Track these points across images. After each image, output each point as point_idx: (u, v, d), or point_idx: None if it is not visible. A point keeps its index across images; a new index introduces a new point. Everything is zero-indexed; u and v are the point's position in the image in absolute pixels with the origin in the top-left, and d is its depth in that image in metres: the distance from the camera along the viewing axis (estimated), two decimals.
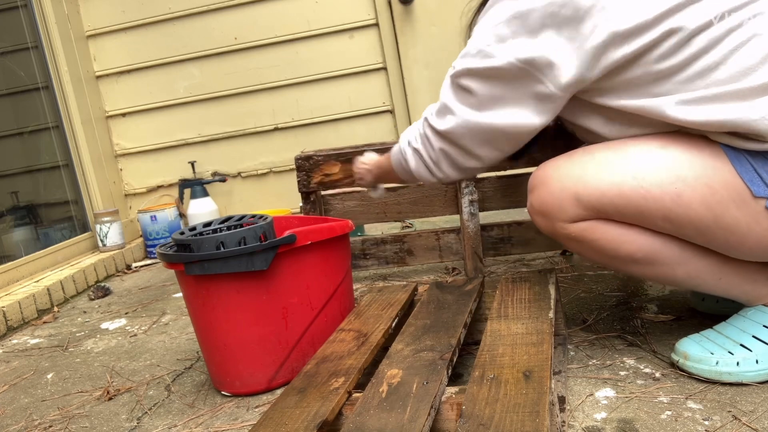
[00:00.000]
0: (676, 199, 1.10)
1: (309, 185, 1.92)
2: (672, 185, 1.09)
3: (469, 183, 1.82)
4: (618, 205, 1.14)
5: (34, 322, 2.22)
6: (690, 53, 1.05)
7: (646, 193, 1.11)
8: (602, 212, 1.16)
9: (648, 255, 1.18)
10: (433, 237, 2.00)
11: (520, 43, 1.10)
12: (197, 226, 1.48)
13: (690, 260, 1.18)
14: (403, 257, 2.04)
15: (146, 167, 3.17)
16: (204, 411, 1.37)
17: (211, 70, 3.02)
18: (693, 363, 1.19)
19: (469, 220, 1.80)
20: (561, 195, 1.18)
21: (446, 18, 2.83)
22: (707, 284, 1.21)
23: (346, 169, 1.85)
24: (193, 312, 1.42)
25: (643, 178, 1.11)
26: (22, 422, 1.45)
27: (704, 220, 1.10)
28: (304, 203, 1.99)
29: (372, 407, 0.96)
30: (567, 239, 1.23)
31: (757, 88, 1.02)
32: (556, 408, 1.01)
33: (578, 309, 1.60)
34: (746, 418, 1.05)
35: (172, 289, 2.36)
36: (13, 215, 2.86)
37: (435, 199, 1.97)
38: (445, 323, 1.25)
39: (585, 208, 1.16)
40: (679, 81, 1.07)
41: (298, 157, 1.91)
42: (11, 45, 2.93)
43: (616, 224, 1.17)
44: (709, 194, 1.08)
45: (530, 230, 1.91)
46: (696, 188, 1.08)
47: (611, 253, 1.20)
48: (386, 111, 2.93)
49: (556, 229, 1.22)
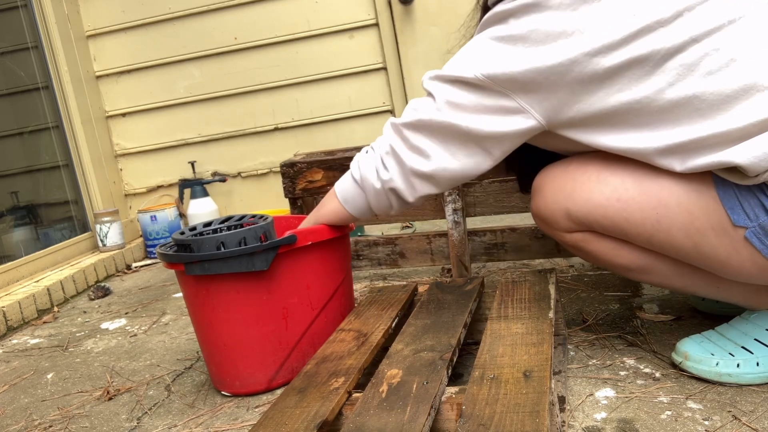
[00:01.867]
0: (655, 225, 1.10)
1: (294, 191, 1.93)
2: (653, 210, 1.09)
3: (453, 191, 1.80)
4: (604, 226, 1.16)
5: (34, 322, 2.22)
6: (665, 80, 1.01)
7: (629, 216, 1.12)
8: (591, 228, 1.18)
9: (642, 268, 1.20)
10: (425, 240, 2.02)
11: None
12: (197, 226, 1.48)
13: (685, 274, 1.19)
14: (396, 260, 2.06)
15: (146, 167, 3.17)
16: (204, 411, 1.37)
17: (211, 70, 3.02)
18: (693, 363, 1.19)
19: (453, 228, 1.80)
20: (554, 208, 1.20)
21: (446, 18, 2.83)
22: (707, 292, 1.22)
23: (329, 176, 1.87)
24: (193, 312, 1.42)
25: (626, 202, 1.11)
26: (22, 422, 1.45)
27: (684, 247, 1.10)
28: (291, 208, 2.01)
29: (372, 407, 0.96)
30: (566, 245, 1.26)
31: (742, 130, 0.98)
32: (556, 408, 1.01)
33: (578, 309, 1.60)
34: (746, 418, 1.05)
35: (172, 289, 2.36)
36: (13, 215, 2.85)
37: (426, 203, 1.98)
38: (445, 323, 1.25)
39: (575, 222, 1.19)
40: (657, 111, 1.03)
41: (283, 164, 1.93)
42: (11, 45, 2.93)
43: (610, 238, 1.19)
44: (689, 221, 1.07)
45: (525, 237, 1.90)
46: (677, 214, 1.07)
47: (607, 263, 1.23)
48: (386, 111, 2.93)
49: (555, 235, 1.25)
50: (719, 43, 0.99)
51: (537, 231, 1.88)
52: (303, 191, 1.92)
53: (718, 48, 0.99)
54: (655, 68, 1.01)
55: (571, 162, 1.20)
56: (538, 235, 1.87)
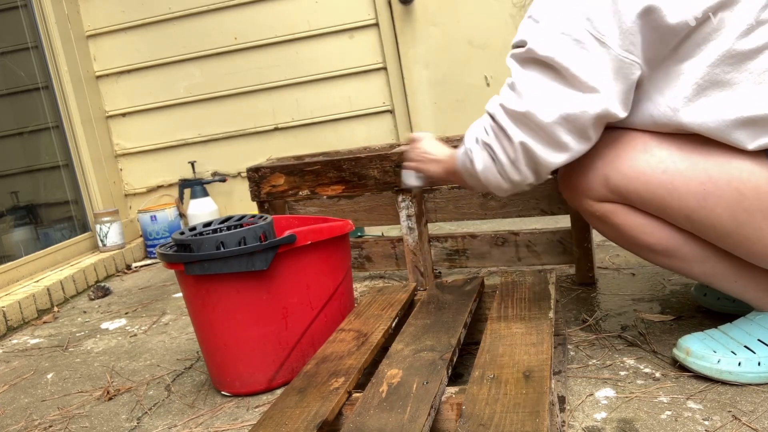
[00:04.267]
0: (701, 201, 1.07)
1: (260, 195, 1.95)
2: (701, 186, 1.07)
3: (405, 197, 1.78)
4: (643, 196, 1.12)
5: (34, 322, 2.22)
6: (760, 43, 1.00)
7: (673, 190, 1.09)
8: (627, 199, 1.15)
9: (667, 248, 1.17)
10: (389, 245, 2.03)
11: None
12: (197, 226, 1.48)
13: (708, 260, 1.16)
14: (363, 263, 2.09)
15: (146, 167, 3.17)
16: (204, 411, 1.37)
17: (211, 70, 3.02)
18: (695, 359, 1.18)
19: (408, 234, 1.79)
20: (591, 173, 1.16)
21: (446, 18, 2.83)
22: (722, 284, 1.20)
23: (290, 180, 1.88)
24: (193, 312, 1.42)
25: (673, 174, 1.09)
26: (22, 422, 1.45)
27: (726, 226, 1.07)
28: (259, 211, 2.02)
29: (372, 407, 0.96)
30: (591, 216, 1.21)
31: None
32: (556, 408, 1.01)
33: (578, 309, 1.60)
34: (746, 418, 1.05)
35: (172, 289, 2.36)
36: (13, 215, 2.86)
37: (389, 208, 1.98)
38: (445, 323, 1.25)
39: (611, 191, 1.15)
40: (754, 71, 1.01)
41: (249, 169, 1.95)
42: (11, 45, 2.93)
43: (640, 212, 1.16)
44: (737, 200, 1.05)
45: (485, 244, 1.90)
46: (726, 192, 1.05)
47: (631, 240, 1.19)
48: (386, 111, 2.93)
49: (582, 204, 1.20)
50: None
51: (497, 238, 1.88)
52: (267, 195, 1.94)
53: None
54: (757, 26, 1.00)
55: (613, 132, 1.15)
56: (498, 242, 1.88)
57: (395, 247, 2.02)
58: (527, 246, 1.86)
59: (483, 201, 1.87)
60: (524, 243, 1.86)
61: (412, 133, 2.90)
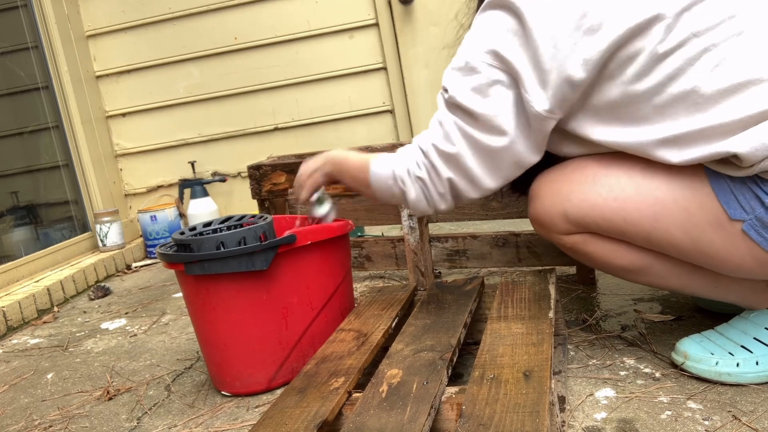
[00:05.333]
0: (653, 223, 1.10)
1: (261, 193, 1.95)
2: (650, 208, 1.09)
3: None
4: (601, 225, 1.16)
5: (34, 322, 2.22)
6: (666, 73, 1.02)
7: (626, 216, 1.12)
8: (589, 229, 1.18)
9: (641, 268, 1.20)
10: (390, 245, 2.03)
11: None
12: (197, 226, 1.48)
13: (683, 273, 1.19)
14: (363, 262, 2.08)
15: (146, 167, 3.17)
16: (204, 411, 1.37)
17: (211, 70, 3.02)
18: (693, 363, 1.19)
19: (409, 233, 1.79)
20: (551, 210, 1.20)
21: (446, 18, 2.82)
22: (702, 292, 1.23)
23: (291, 179, 1.89)
24: (193, 312, 1.42)
25: (623, 201, 1.12)
26: (22, 422, 1.45)
27: (683, 244, 1.10)
28: (259, 209, 2.02)
29: (372, 407, 0.96)
30: (563, 248, 1.26)
31: (739, 121, 0.98)
32: (556, 408, 1.01)
33: (578, 309, 1.60)
34: (746, 418, 1.05)
35: (172, 289, 2.36)
36: (13, 215, 2.85)
37: (389, 208, 1.98)
38: (445, 323, 1.25)
39: (573, 224, 1.19)
40: (658, 105, 1.04)
41: (250, 167, 1.95)
42: (11, 45, 2.93)
43: (607, 238, 1.19)
44: (686, 218, 1.07)
45: (486, 244, 1.90)
46: (674, 212, 1.08)
47: (605, 265, 1.23)
48: (386, 111, 2.93)
49: (552, 238, 1.25)
50: (718, 38, 1.00)
51: (498, 239, 1.88)
52: (269, 193, 1.94)
53: (716, 43, 1.00)
54: (658, 62, 1.02)
55: (566, 165, 1.20)
56: (499, 243, 1.88)
57: (395, 246, 2.02)
58: (528, 247, 1.86)
59: (484, 202, 1.87)
60: (525, 244, 1.86)
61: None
